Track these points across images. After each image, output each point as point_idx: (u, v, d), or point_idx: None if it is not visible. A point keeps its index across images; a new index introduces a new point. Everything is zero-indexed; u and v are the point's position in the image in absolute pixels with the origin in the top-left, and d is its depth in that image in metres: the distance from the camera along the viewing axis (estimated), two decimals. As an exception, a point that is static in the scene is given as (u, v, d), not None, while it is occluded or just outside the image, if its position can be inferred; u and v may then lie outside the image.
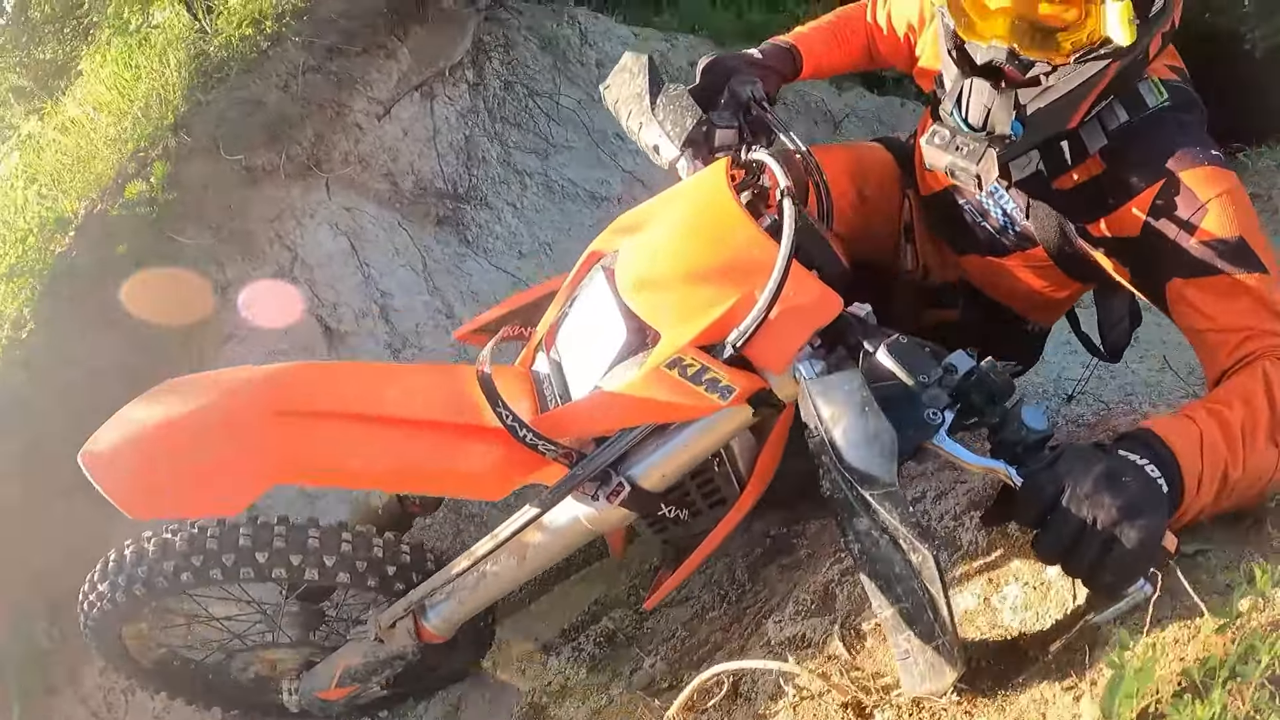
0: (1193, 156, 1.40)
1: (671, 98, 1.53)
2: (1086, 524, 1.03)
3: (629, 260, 1.30)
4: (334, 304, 3.13)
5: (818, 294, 1.12)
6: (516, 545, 1.49)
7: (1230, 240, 1.33)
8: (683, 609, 1.94)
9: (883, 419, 1.00)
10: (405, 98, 3.41)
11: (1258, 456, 1.20)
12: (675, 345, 1.13)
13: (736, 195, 1.26)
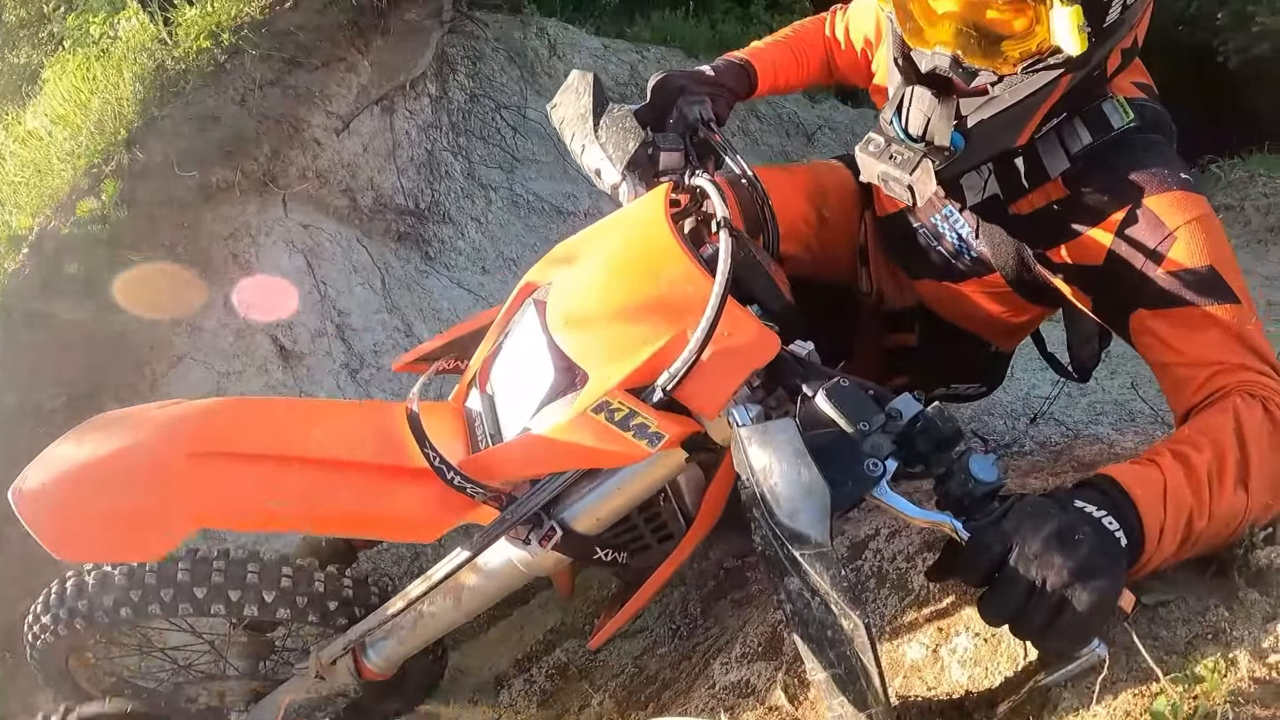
0: (1160, 180, 1.33)
1: (615, 118, 1.47)
2: (1035, 585, 0.96)
3: (560, 294, 1.24)
4: (289, 323, 3.05)
5: (754, 333, 1.06)
6: (452, 587, 1.44)
7: (1200, 270, 1.27)
8: (635, 641, 1.88)
9: (816, 474, 0.93)
10: (365, 112, 3.33)
11: (1225, 503, 1.13)
12: (602, 388, 1.06)
13: (673, 224, 1.20)
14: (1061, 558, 0.96)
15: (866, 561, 1.46)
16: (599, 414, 1.05)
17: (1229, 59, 8.00)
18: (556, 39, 4.36)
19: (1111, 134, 1.40)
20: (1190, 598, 1.17)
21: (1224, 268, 1.28)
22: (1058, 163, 1.42)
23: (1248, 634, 1.08)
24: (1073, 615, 0.95)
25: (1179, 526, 1.10)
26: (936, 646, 1.22)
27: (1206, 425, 1.19)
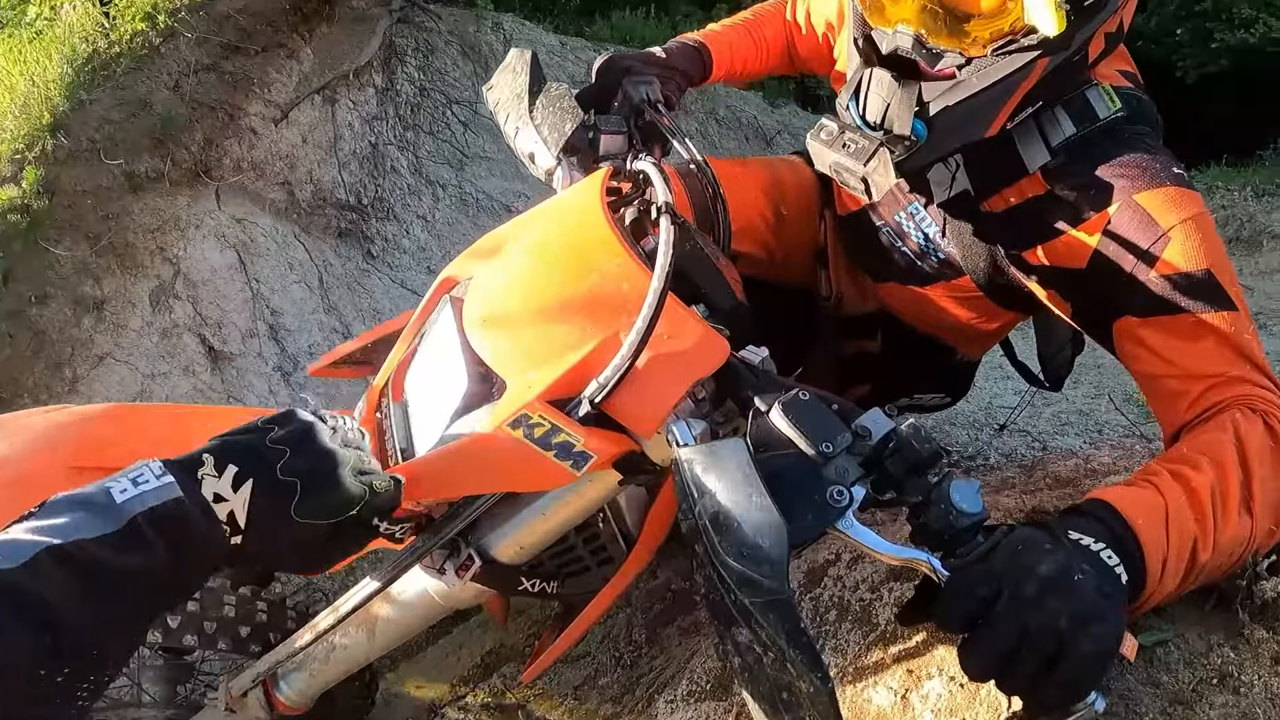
0: (1152, 175, 1.22)
1: (552, 98, 1.31)
2: (1027, 633, 0.83)
3: (479, 290, 1.08)
4: (218, 323, 2.87)
5: (698, 337, 0.90)
6: (366, 619, 1.29)
7: (1196, 274, 1.16)
8: (576, 669, 1.73)
9: (770, 506, 0.77)
10: (305, 101, 3.16)
11: (1230, 529, 1.01)
12: (520, 399, 0.91)
13: (611, 212, 1.05)
14: (1060, 601, 0.83)
15: (825, 590, 1.32)
16: (516, 429, 0.89)
17: (1187, 74, 8.08)
18: (513, 34, 4.22)
19: (1097, 124, 1.28)
20: (1191, 635, 1.05)
21: (1220, 272, 1.17)
22: (1036, 155, 1.30)
23: (1258, 678, 0.97)
24: (1069, 667, 0.82)
25: (1183, 558, 0.98)
26: (906, 692, 1.07)
27: (1205, 443, 1.07)
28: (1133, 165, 1.23)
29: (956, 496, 0.87)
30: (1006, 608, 0.83)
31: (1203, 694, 0.97)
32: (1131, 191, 1.22)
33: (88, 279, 2.86)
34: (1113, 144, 1.27)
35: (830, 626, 1.25)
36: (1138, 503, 0.99)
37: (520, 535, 1.07)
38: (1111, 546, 0.93)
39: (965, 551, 0.87)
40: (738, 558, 0.75)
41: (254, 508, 0.80)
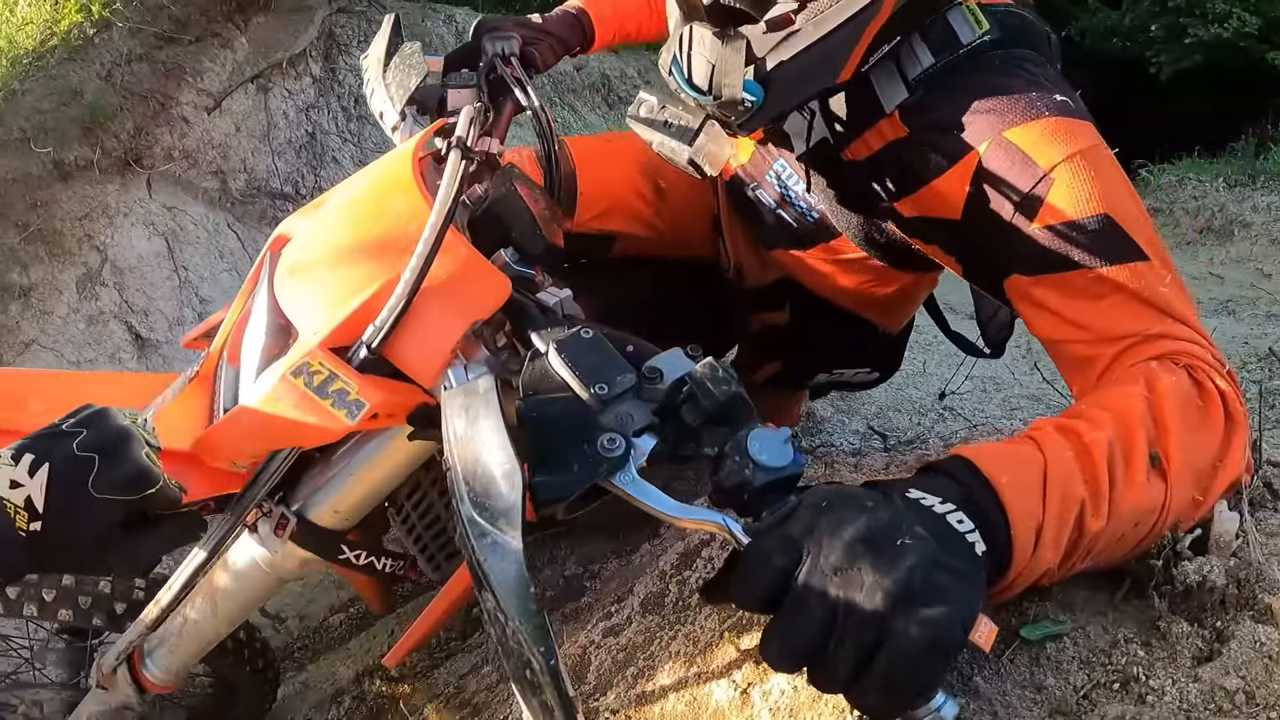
0: (1027, 106, 1.04)
1: (404, 56, 1.26)
2: (836, 614, 0.66)
3: (294, 243, 1.03)
4: (145, 310, 2.82)
5: (478, 275, 0.84)
6: (208, 590, 1.24)
7: (1088, 221, 0.99)
8: (464, 659, 1.67)
9: (509, 452, 0.69)
10: (239, 90, 3.11)
11: (1133, 495, 0.83)
12: (305, 346, 0.86)
13: (418, 160, 0.99)
14: (875, 572, 0.65)
15: (695, 573, 1.21)
16: (298, 379, 0.84)
17: (1162, 70, 8.07)
18: (465, 27, 4.17)
19: (960, 50, 1.12)
20: (1092, 628, 0.87)
21: (1122, 214, 1.00)
22: (893, 93, 1.15)
23: (1171, 682, 0.79)
24: (890, 659, 0.64)
25: (1065, 526, 0.80)
26: (748, 687, 0.94)
27: (1109, 396, 0.92)
28: (1002, 95, 1.07)
29: (755, 447, 0.72)
30: (809, 578, 0.66)
31: (1096, 702, 0.80)
32: (1001, 127, 1.05)
33: (15, 266, 2.82)
34: (977, 72, 1.11)
35: (691, 612, 1.15)
36: (1005, 458, 0.82)
37: (335, 499, 1.03)
38: (964, 509, 0.76)
39: (769, 513, 0.72)
40: (480, 510, 0.67)
41: (52, 487, 0.75)
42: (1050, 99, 1.06)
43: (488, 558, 0.66)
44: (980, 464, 0.80)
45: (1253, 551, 0.88)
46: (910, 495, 0.76)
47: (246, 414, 0.92)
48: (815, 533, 0.68)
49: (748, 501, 0.73)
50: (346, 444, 1.02)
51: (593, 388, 0.75)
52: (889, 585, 0.64)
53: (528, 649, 0.63)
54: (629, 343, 0.83)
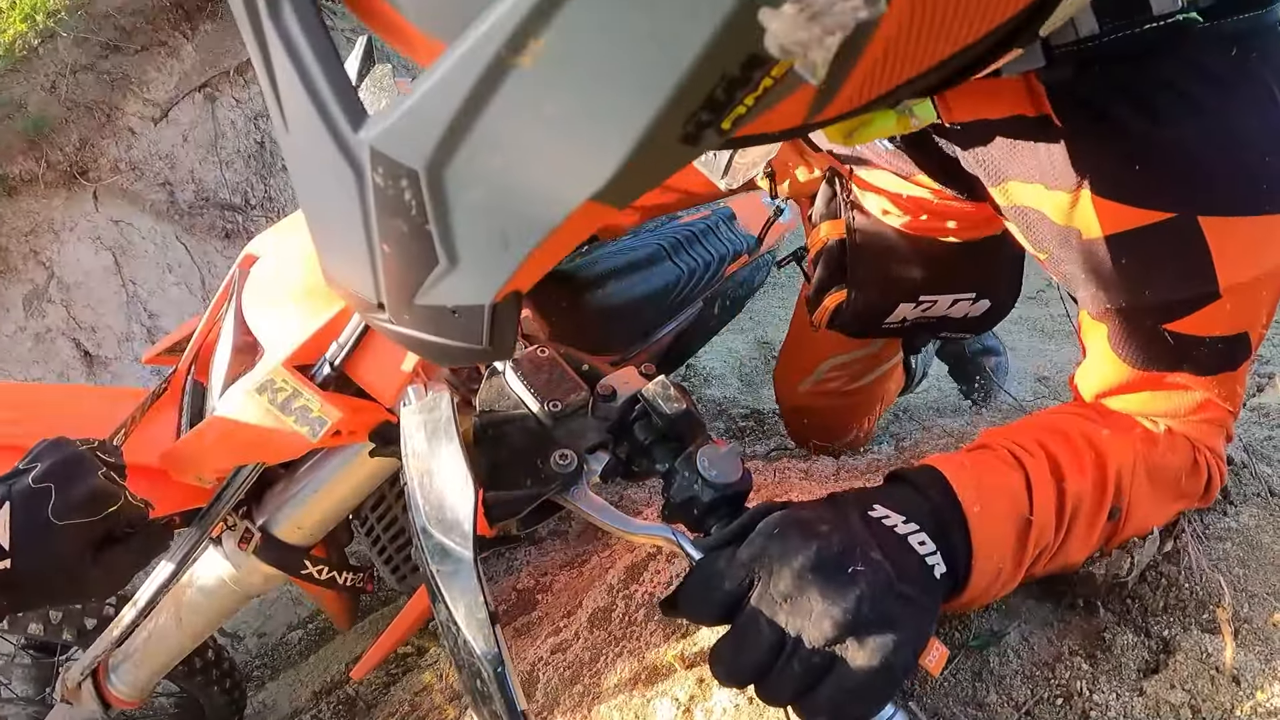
0: (1246, 186, 0.79)
1: (376, 78, 1.28)
2: (785, 639, 0.67)
3: (262, 261, 1.04)
4: (93, 326, 2.78)
5: None
6: (173, 604, 1.25)
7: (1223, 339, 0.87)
8: (421, 674, 1.67)
9: (461, 467, 0.70)
10: (186, 100, 3.07)
11: (1085, 544, 0.85)
12: (270, 363, 0.87)
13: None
14: (824, 600, 0.66)
15: (641, 587, 1.20)
16: (262, 395, 0.85)
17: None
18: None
19: (1143, 25, 0.76)
20: (1036, 640, 0.88)
21: (1258, 322, 0.87)
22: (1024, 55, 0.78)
23: (1115, 697, 0.79)
24: (837, 684, 0.65)
25: (1023, 568, 0.80)
26: (691, 704, 0.94)
27: (1103, 441, 0.88)
28: (1217, 145, 0.77)
29: (704, 463, 0.75)
30: (761, 602, 0.68)
31: (1039, 719, 0.80)
32: (1198, 205, 0.78)
33: (-44, 284, 2.77)
34: (1184, 77, 0.78)
35: (637, 628, 1.15)
36: (984, 486, 0.79)
37: (299, 515, 1.04)
38: (928, 529, 0.75)
39: (720, 528, 0.74)
40: (434, 523, 0.69)
41: (14, 523, 0.76)
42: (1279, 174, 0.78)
43: (440, 570, 0.68)
44: (955, 484, 0.79)
45: (1194, 559, 0.91)
46: (872, 514, 0.76)
47: (211, 430, 0.94)
48: (765, 559, 0.69)
49: (697, 516, 0.76)
50: (310, 460, 1.03)
51: (546, 405, 0.78)
52: (837, 614, 0.65)
53: (478, 659, 0.65)
54: (584, 362, 0.85)
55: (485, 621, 0.66)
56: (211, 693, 1.56)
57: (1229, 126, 0.77)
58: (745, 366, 3.43)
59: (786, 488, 1.40)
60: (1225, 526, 1.00)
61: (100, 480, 0.80)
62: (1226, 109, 0.77)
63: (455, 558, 0.67)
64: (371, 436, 0.89)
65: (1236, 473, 1.14)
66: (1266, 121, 0.78)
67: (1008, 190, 0.93)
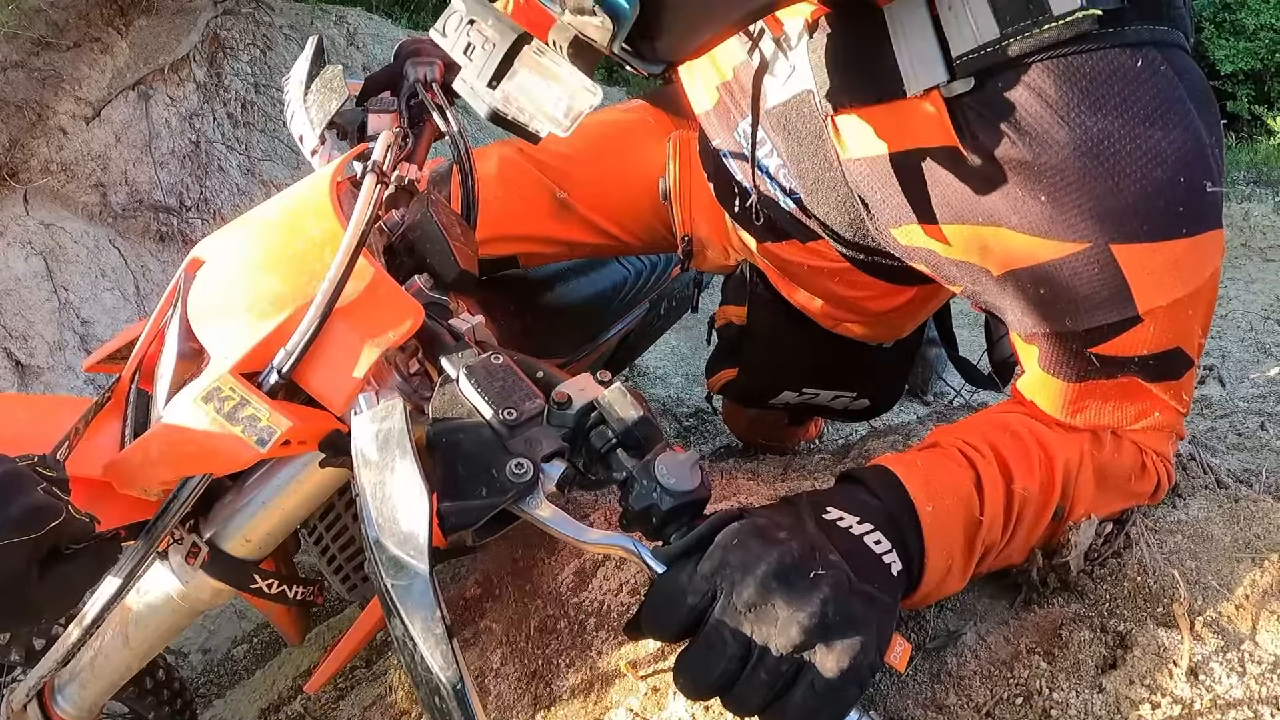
0: (1161, 212, 0.76)
1: (325, 79, 1.26)
2: (752, 649, 0.66)
3: (207, 266, 1.01)
4: (24, 335, 2.68)
5: (389, 301, 0.84)
6: (119, 622, 1.21)
7: (1155, 355, 0.87)
8: (371, 688, 1.64)
9: (415, 476, 0.69)
10: (119, 98, 2.98)
11: (1029, 539, 0.88)
12: (216, 371, 0.84)
13: (336, 184, 0.98)
14: (789, 607, 0.66)
15: (590, 595, 1.19)
16: (209, 404, 0.83)
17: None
18: (356, 29, 4.09)
19: (1042, 24, 0.73)
20: (991, 637, 0.88)
21: (1191, 336, 0.87)
22: (925, 67, 0.79)
23: (1075, 695, 0.79)
24: (808, 690, 0.65)
25: (972, 563, 0.83)
26: (647, 714, 0.93)
27: (1051, 441, 0.89)
28: (1125, 165, 0.75)
29: (663, 470, 0.73)
30: (724, 614, 0.67)
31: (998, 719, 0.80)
32: (1110, 234, 0.76)
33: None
34: (1087, 82, 0.74)
35: (587, 637, 1.14)
36: (935, 484, 0.81)
37: (247, 528, 1.01)
38: (883, 529, 0.77)
39: (678, 537, 0.74)
40: (388, 534, 0.68)
41: None
42: (1199, 195, 0.76)
43: (395, 583, 0.67)
44: (907, 484, 0.81)
45: (1145, 553, 0.93)
46: (826, 516, 0.77)
47: (156, 440, 0.91)
48: (727, 570, 0.69)
49: (656, 525, 0.75)
50: (258, 471, 1.00)
51: (501, 413, 0.76)
52: (803, 618, 0.65)
53: (435, 675, 0.64)
54: (539, 369, 0.84)
55: (443, 637, 0.65)
56: (161, 713, 1.52)
57: (1141, 147, 0.74)
58: (689, 365, 3.44)
59: (734, 488, 1.40)
60: (1175, 519, 1.02)
61: (39, 495, 0.77)
62: (1137, 126, 0.74)
63: (410, 571, 0.66)
64: (322, 446, 0.87)
65: (1184, 465, 1.17)
66: (1181, 138, 0.75)
67: (907, 232, 0.93)
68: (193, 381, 0.90)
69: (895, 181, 0.89)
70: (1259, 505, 1.03)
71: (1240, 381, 2.36)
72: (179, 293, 1.09)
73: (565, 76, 0.74)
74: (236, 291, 0.91)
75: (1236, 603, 0.86)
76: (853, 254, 1.10)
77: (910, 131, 0.85)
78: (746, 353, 1.55)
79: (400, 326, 0.82)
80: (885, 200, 0.92)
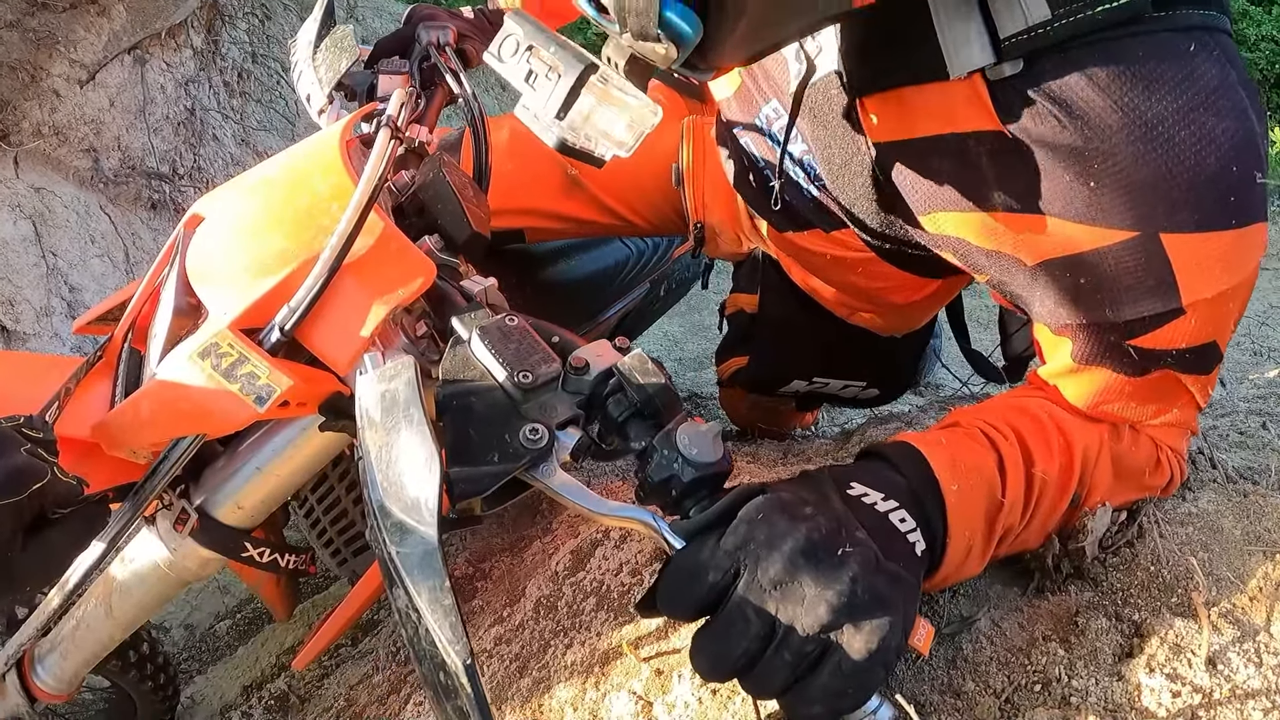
0: (1213, 202, 0.74)
1: (335, 39, 1.23)
2: (776, 628, 0.63)
3: (207, 223, 0.98)
4: (11, 300, 2.62)
5: (400, 258, 0.80)
6: (103, 593, 1.17)
7: (1192, 349, 0.85)
8: (359, 665, 1.60)
9: (427, 438, 0.65)
10: (115, 62, 2.92)
11: (1047, 524, 0.88)
12: (215, 326, 0.81)
13: (344, 142, 0.95)
14: (817, 585, 0.63)
15: (589, 574, 1.16)
16: (205, 360, 0.79)
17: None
18: (357, 2, 4.05)
19: (1096, 7, 0.72)
20: (1006, 623, 0.86)
21: (1227, 330, 0.86)
22: (969, 49, 0.76)
23: (1094, 682, 0.77)
24: (834, 670, 0.63)
25: (990, 546, 0.81)
26: (651, 697, 0.89)
27: (1072, 429, 0.88)
28: (1177, 151, 0.72)
29: (684, 441, 0.70)
30: (748, 590, 0.64)
31: (1020, 706, 0.77)
32: (1159, 224, 0.74)
33: None
34: (1144, 68, 0.72)
35: (586, 617, 1.10)
36: (959, 464, 0.78)
37: (240, 494, 0.97)
38: (907, 507, 0.74)
39: (697, 510, 0.71)
40: (394, 499, 0.64)
41: None
42: (1249, 185, 0.74)
43: (400, 550, 0.63)
44: (932, 462, 0.79)
45: (1159, 542, 0.92)
46: (851, 492, 0.75)
47: (148, 398, 0.87)
48: (752, 546, 0.65)
49: (675, 498, 0.72)
50: (253, 435, 0.97)
51: (516, 376, 0.73)
52: (831, 597, 0.63)
53: (442, 649, 0.60)
54: (554, 333, 0.81)
55: (451, 608, 0.61)
56: (144, 689, 1.48)
57: (1196, 133, 0.73)
58: (682, 349, 3.42)
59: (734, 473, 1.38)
60: (1186, 511, 1.01)
61: (23, 456, 0.73)
62: (1192, 112, 0.72)
63: (418, 538, 0.62)
64: (322, 409, 0.83)
65: (1193, 459, 1.15)
66: (1235, 125, 0.73)
67: (936, 219, 0.90)
68: (189, 337, 0.87)
69: (928, 167, 0.87)
70: (1268, 500, 1.02)
71: (1240, 382, 2.35)
72: (177, 248, 1.06)
73: (630, 102, 0.74)
74: (238, 247, 0.87)
75: (1250, 595, 0.85)
76: (878, 243, 1.08)
77: (948, 115, 0.82)
78: (757, 341, 1.56)
79: (411, 284, 0.79)
80: (915, 186, 0.90)
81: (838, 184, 1.01)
